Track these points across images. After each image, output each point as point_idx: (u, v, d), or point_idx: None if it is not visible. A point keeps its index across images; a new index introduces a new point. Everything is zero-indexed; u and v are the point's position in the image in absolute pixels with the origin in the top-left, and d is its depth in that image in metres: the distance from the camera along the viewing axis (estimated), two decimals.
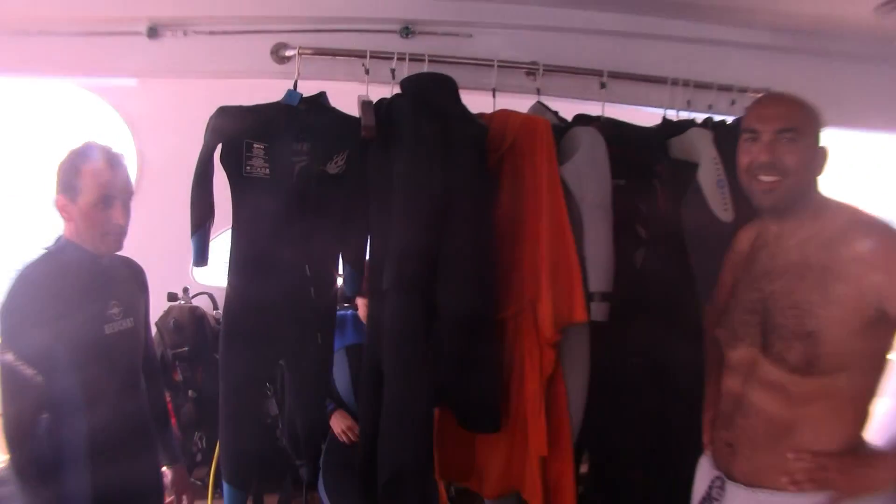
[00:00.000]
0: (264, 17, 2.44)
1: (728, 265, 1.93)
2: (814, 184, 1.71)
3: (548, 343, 2.21)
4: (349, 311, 2.67)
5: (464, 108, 2.28)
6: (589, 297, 2.19)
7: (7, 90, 2.86)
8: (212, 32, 2.43)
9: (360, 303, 2.62)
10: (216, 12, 2.43)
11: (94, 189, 1.91)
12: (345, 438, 2.58)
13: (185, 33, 2.42)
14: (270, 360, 2.34)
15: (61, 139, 2.13)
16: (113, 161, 1.97)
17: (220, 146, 2.16)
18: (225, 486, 2.32)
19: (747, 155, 1.69)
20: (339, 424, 2.56)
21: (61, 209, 1.96)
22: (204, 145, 2.15)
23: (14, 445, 1.90)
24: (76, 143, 1.98)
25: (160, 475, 2.26)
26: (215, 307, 2.89)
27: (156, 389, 2.29)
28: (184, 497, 2.32)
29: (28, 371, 1.83)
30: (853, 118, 2.63)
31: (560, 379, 2.27)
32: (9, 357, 1.83)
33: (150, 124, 3.02)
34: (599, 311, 2.21)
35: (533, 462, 2.24)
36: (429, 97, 2.22)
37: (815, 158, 1.69)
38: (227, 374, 2.24)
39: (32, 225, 2.14)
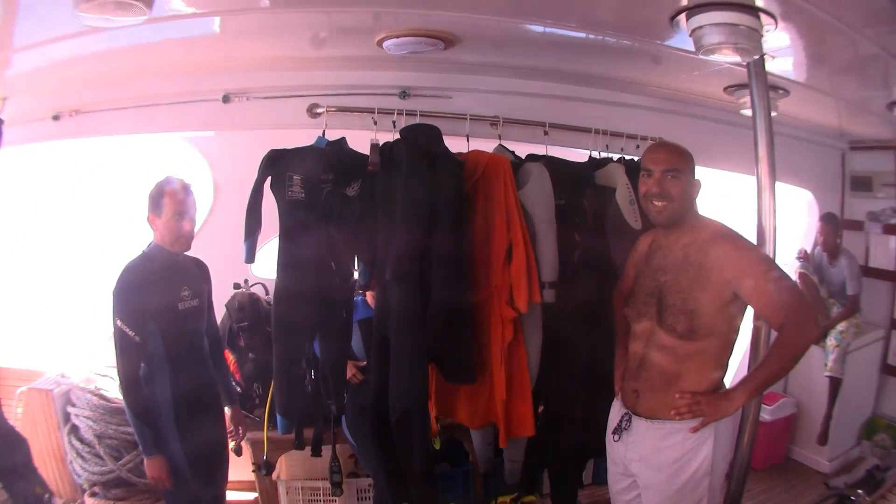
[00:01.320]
0: (302, 85, 2.44)
1: (631, 262, 1.99)
2: (692, 206, 1.80)
3: (507, 319, 2.19)
4: (360, 296, 2.64)
5: (446, 148, 2.23)
6: (541, 285, 2.20)
7: (132, 143, 2.95)
8: (266, 98, 2.46)
9: (369, 294, 2.57)
10: (268, 83, 2.47)
11: (170, 207, 2.07)
12: (353, 380, 2.57)
13: (247, 98, 2.47)
14: (308, 331, 2.30)
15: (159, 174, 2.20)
16: (182, 187, 2.12)
17: (269, 178, 2.15)
18: (278, 418, 2.31)
19: (644, 186, 1.79)
20: (349, 371, 2.53)
21: (151, 222, 2.11)
22: (258, 177, 2.14)
23: (125, 388, 2.04)
24: (160, 177, 2.14)
25: (222, 411, 2.34)
26: (267, 293, 2.86)
27: (217, 349, 2.36)
28: (240, 427, 2.43)
29: (131, 333, 2.00)
30: (712, 161, 2.66)
31: (522, 344, 2.25)
32: (118, 323, 2.00)
33: (224, 162, 3.06)
34: (549, 295, 2.22)
35: (497, 402, 2.24)
36: (420, 140, 2.19)
37: (692, 189, 1.78)
38: (278, 341, 2.22)
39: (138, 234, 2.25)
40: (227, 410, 2.39)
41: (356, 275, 2.37)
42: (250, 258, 2.17)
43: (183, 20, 2.07)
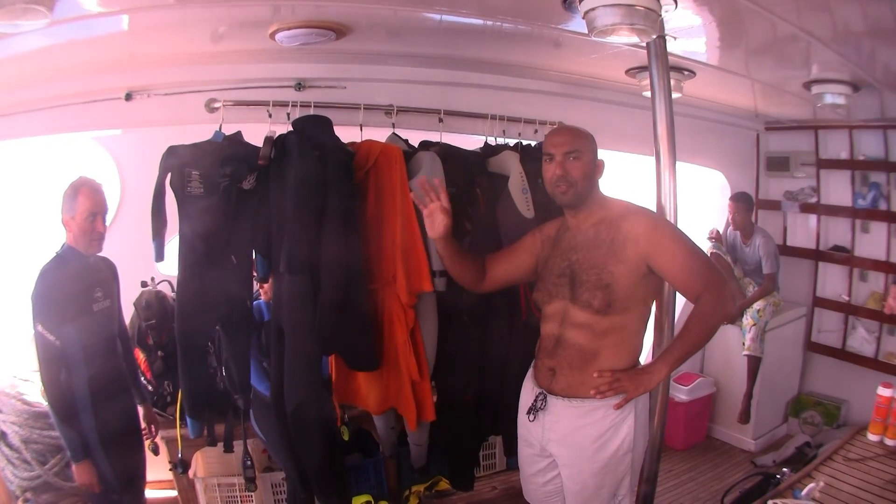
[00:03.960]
0: (201, 80, 2.42)
1: (523, 246, 1.96)
2: (596, 186, 1.80)
3: (408, 305, 2.23)
4: (262, 301, 2.65)
5: (336, 139, 2.23)
6: (433, 274, 2.21)
7: (37, 145, 2.94)
8: (166, 94, 2.44)
9: (263, 289, 2.58)
10: (169, 79, 2.45)
11: (83, 208, 2.09)
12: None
13: (148, 95, 2.45)
14: (210, 325, 2.28)
15: (70, 175, 2.20)
16: (94, 188, 2.14)
17: (169, 175, 2.13)
18: (188, 419, 2.29)
19: (547, 171, 1.78)
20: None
21: (65, 223, 2.12)
22: (158, 175, 2.11)
23: (50, 394, 2.06)
24: (74, 177, 2.15)
25: (136, 410, 2.36)
26: (173, 290, 2.83)
27: (127, 348, 2.37)
28: (153, 426, 2.44)
29: (51, 337, 2.01)
30: (616, 143, 2.69)
31: (418, 330, 2.28)
32: (39, 328, 2.00)
33: (130, 161, 3.05)
34: (440, 283, 2.22)
35: (406, 386, 2.26)
36: (311, 132, 2.19)
37: (594, 169, 1.78)
38: (181, 337, 2.19)
39: (50, 237, 2.27)
40: (139, 408, 2.39)
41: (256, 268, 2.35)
42: (160, 257, 2.15)
43: (88, 20, 2.07)
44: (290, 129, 2.28)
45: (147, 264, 2.56)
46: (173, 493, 2.82)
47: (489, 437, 2.83)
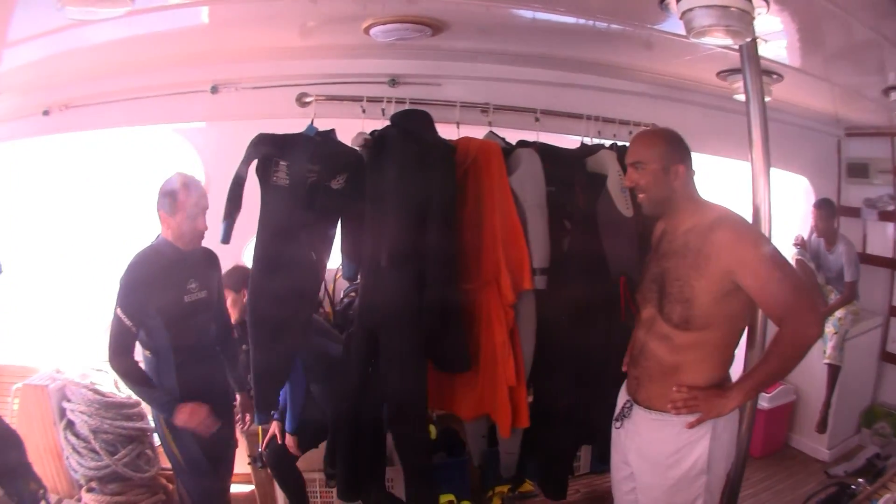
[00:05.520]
0: (290, 75, 2.40)
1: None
2: (683, 192, 1.70)
3: (509, 304, 2.16)
4: None
5: (436, 134, 2.19)
6: (533, 272, 2.15)
7: (126, 136, 2.93)
8: (255, 87, 2.43)
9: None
10: (257, 73, 2.43)
11: (185, 208, 2.05)
12: None
13: (236, 89, 2.44)
14: (282, 316, 2.19)
15: (160, 168, 2.17)
16: (196, 187, 2.10)
17: (255, 161, 2.09)
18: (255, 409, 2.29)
19: (627, 179, 1.77)
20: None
21: (162, 220, 2.10)
22: (244, 158, 2.08)
23: (113, 364, 2.06)
24: (171, 172, 2.11)
25: (230, 399, 2.35)
26: None
27: (227, 337, 2.36)
28: (248, 415, 2.43)
29: (128, 323, 2.00)
30: (706, 147, 2.55)
31: (516, 331, 2.21)
32: (118, 311, 2.00)
33: (215, 154, 3.01)
34: (541, 281, 2.17)
35: (502, 390, 2.18)
36: (412, 126, 2.15)
37: (668, 176, 1.68)
38: (253, 326, 2.15)
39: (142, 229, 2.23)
40: (237, 396, 2.39)
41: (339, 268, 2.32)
42: (226, 239, 2.11)
43: (171, 11, 2.04)
44: (386, 124, 2.22)
45: (232, 257, 2.53)
46: (250, 488, 2.78)
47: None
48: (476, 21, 2.17)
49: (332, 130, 2.23)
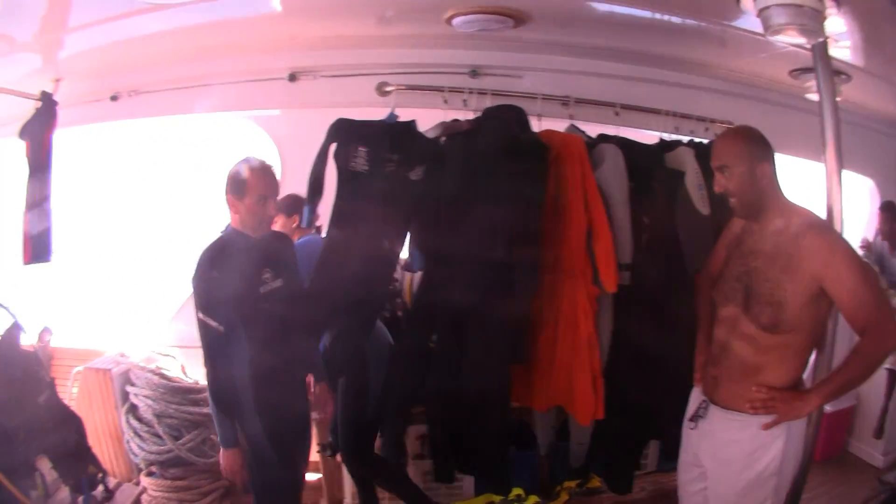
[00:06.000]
0: (369, 63, 2.40)
1: (722, 242, 1.88)
2: (771, 193, 1.68)
3: (594, 298, 2.17)
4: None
5: (531, 130, 2.21)
6: (619, 267, 2.15)
7: (198, 123, 2.93)
8: (333, 76, 2.42)
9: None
10: (334, 61, 2.43)
11: (254, 190, 1.94)
12: None
13: (314, 77, 2.44)
14: (350, 302, 2.20)
15: (230, 155, 2.13)
16: (266, 170, 1.98)
17: (334, 145, 2.08)
18: None
19: (717, 185, 1.73)
20: None
21: (230, 204, 1.98)
22: (324, 143, 2.07)
23: (211, 380, 1.98)
24: (240, 157, 2.00)
25: (307, 390, 2.22)
26: None
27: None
28: (326, 405, 2.26)
29: (214, 323, 1.92)
30: (779, 146, 2.51)
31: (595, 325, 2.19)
32: (200, 315, 1.92)
33: (291, 141, 3.01)
34: (625, 277, 2.18)
35: (585, 380, 2.18)
36: (507, 120, 2.17)
37: (753, 178, 1.66)
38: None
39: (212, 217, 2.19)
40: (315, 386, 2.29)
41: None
42: (309, 223, 2.12)
43: None
44: (466, 116, 2.26)
45: None
46: (318, 476, 2.78)
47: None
48: (557, 13, 2.17)
49: (413, 121, 2.22)
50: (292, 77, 2.43)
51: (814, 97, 1.98)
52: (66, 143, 2.67)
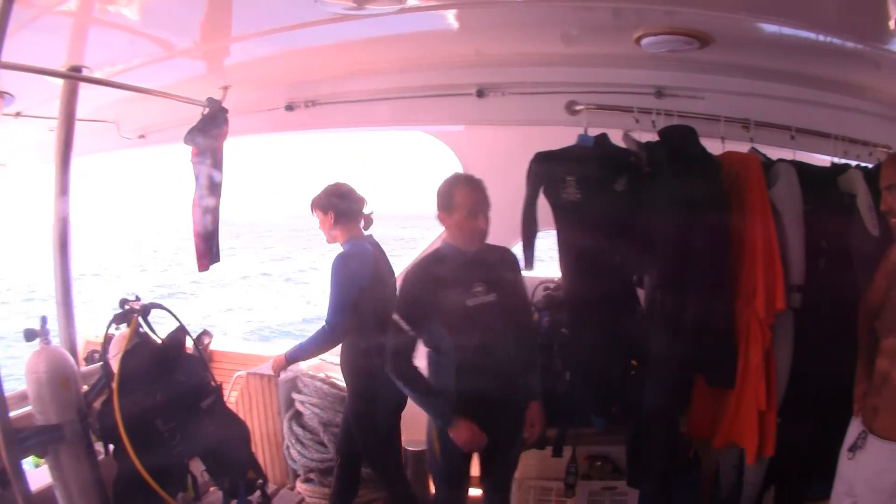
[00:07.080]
0: (556, 82, 2.44)
1: (883, 272, 1.86)
2: None
3: (766, 323, 2.16)
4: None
5: (704, 149, 2.26)
6: (788, 288, 2.16)
7: (383, 138, 2.94)
8: (522, 93, 2.45)
9: None
10: (521, 78, 2.46)
11: (462, 206, 2.00)
12: None
13: (503, 94, 2.47)
14: (603, 327, 2.27)
15: (419, 170, 2.19)
16: (476, 185, 2.03)
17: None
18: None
19: (883, 203, 1.77)
20: None
21: (441, 220, 2.07)
22: (531, 184, 2.16)
23: (391, 369, 2.05)
24: (449, 175, 2.08)
25: (517, 406, 2.16)
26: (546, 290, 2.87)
27: (528, 343, 2.23)
28: (536, 425, 2.19)
29: (405, 326, 2.00)
30: None
31: (772, 353, 2.20)
32: (395, 316, 2.01)
33: (473, 156, 2.99)
34: (795, 299, 2.17)
35: (752, 414, 2.17)
36: (680, 141, 2.23)
37: None
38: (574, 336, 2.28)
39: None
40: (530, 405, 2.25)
41: None
42: (531, 265, 2.18)
43: (432, 12, 2.04)
44: (653, 137, 2.28)
45: None
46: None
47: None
48: (738, 35, 2.20)
49: (605, 135, 2.29)
50: (480, 93, 2.47)
51: None
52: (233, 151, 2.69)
